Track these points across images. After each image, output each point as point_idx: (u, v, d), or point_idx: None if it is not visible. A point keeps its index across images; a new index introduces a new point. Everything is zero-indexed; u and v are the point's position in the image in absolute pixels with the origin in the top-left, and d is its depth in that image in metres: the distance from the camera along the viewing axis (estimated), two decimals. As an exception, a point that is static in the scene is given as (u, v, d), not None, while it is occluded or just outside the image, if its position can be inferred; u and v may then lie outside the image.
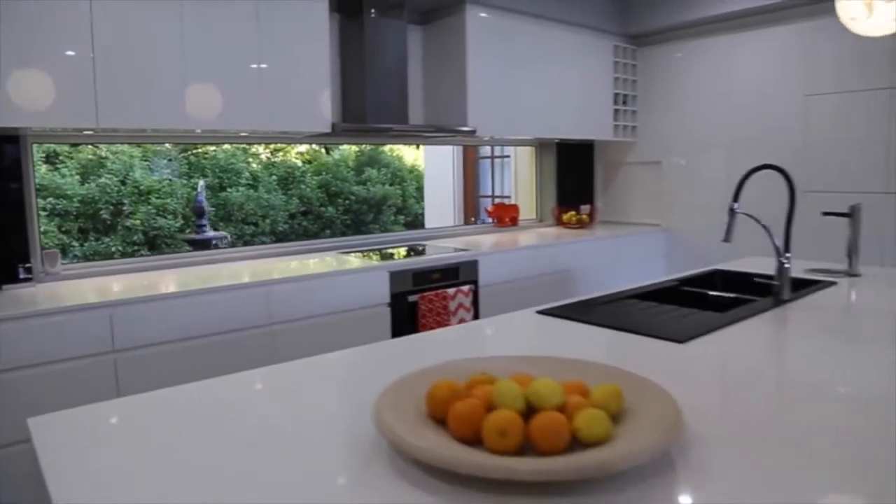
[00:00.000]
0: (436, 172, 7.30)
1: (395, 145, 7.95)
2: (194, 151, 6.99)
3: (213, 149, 6.98)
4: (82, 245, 6.12)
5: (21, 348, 2.17)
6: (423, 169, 8.01)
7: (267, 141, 5.83)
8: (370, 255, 3.49)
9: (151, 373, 2.40)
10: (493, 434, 0.90)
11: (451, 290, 3.28)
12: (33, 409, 1.16)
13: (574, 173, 4.99)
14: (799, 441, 1.00)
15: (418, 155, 8.24)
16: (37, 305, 2.28)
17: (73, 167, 6.24)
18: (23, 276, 2.66)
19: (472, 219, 6.59)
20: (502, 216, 4.66)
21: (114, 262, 3.09)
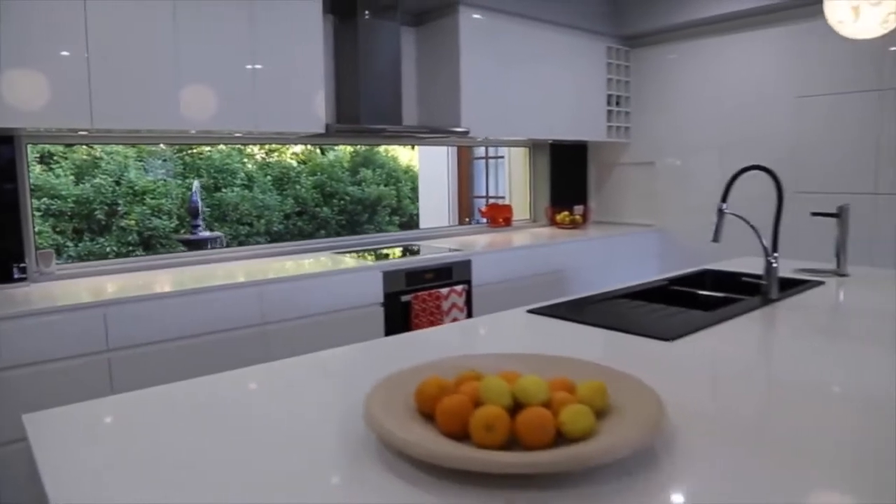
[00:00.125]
0: (430, 173, 7.31)
1: (389, 146, 7.96)
2: (189, 152, 6.99)
3: (208, 149, 6.99)
4: (77, 245, 6.12)
5: (15, 348, 2.18)
6: (417, 169, 8.03)
7: (261, 142, 5.84)
8: (365, 255, 3.51)
9: (145, 372, 2.41)
10: (479, 429, 0.92)
11: (445, 290, 3.30)
12: (28, 408, 1.17)
13: (567, 174, 5.02)
14: (783, 437, 1.02)
15: (413, 156, 8.25)
16: (31, 305, 2.29)
17: (68, 167, 6.24)
18: (17, 275, 2.67)
19: (467, 219, 6.61)
20: (496, 217, 4.68)
21: (108, 262, 3.10)
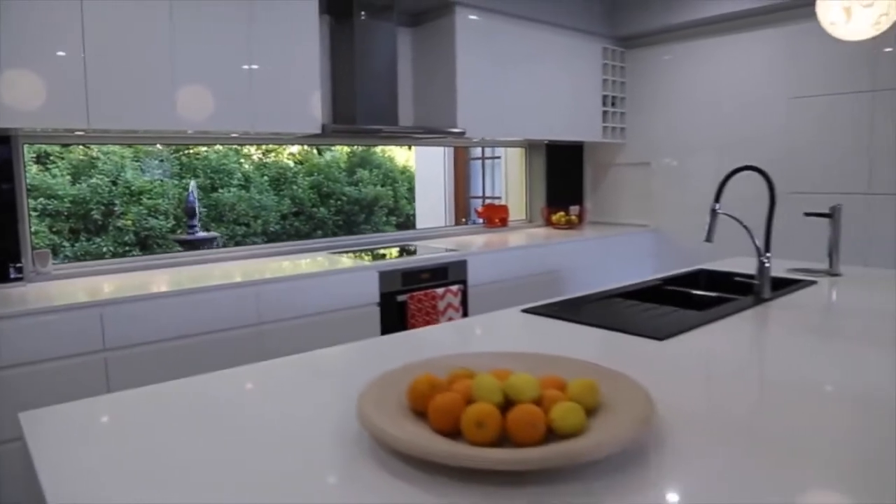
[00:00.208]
0: (427, 173, 7.32)
1: (386, 146, 7.97)
2: (186, 152, 7.00)
3: (204, 149, 6.99)
4: (73, 245, 6.12)
5: (12, 347, 2.19)
6: (414, 170, 8.04)
7: (258, 142, 5.85)
8: (361, 255, 3.52)
9: (142, 372, 2.41)
10: (471, 426, 0.93)
11: (440, 290, 3.31)
12: (24, 408, 1.17)
13: (563, 174, 5.04)
14: (773, 435, 1.04)
15: (410, 156, 8.26)
16: (27, 305, 2.30)
17: (64, 167, 6.24)
18: (14, 275, 2.67)
19: (464, 219, 6.62)
20: (492, 217, 4.70)
21: (105, 262, 3.11)
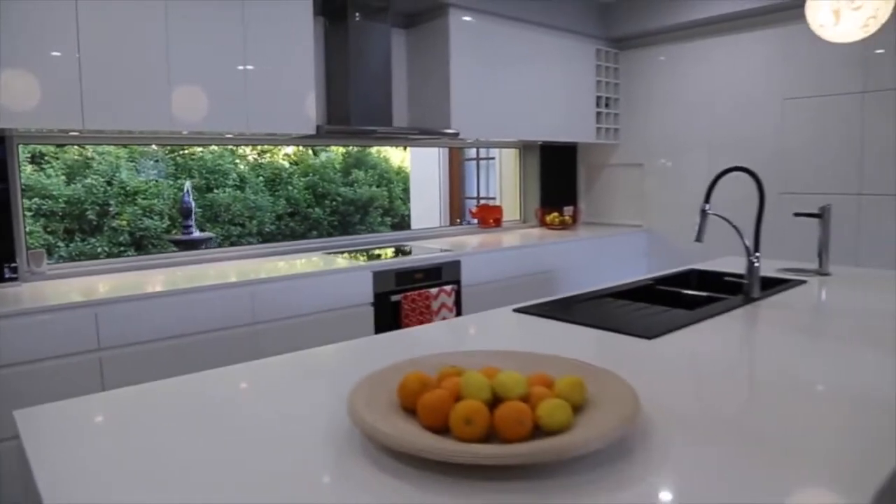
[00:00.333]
0: (422, 174, 7.34)
1: (381, 147, 7.99)
2: (181, 152, 7.00)
3: (199, 150, 6.99)
4: (68, 245, 6.12)
5: (6, 347, 2.20)
6: (409, 170, 8.06)
7: (252, 143, 5.85)
8: (356, 255, 3.53)
9: (136, 371, 2.42)
10: (459, 422, 0.95)
11: (434, 290, 3.33)
12: (19, 408, 1.19)
13: (557, 175, 5.06)
14: (758, 431, 1.06)
15: (405, 157, 8.28)
16: (22, 304, 2.30)
17: (59, 168, 6.23)
18: (8, 275, 2.68)
19: (458, 220, 6.64)
20: (486, 217, 4.72)
21: (99, 262, 3.11)
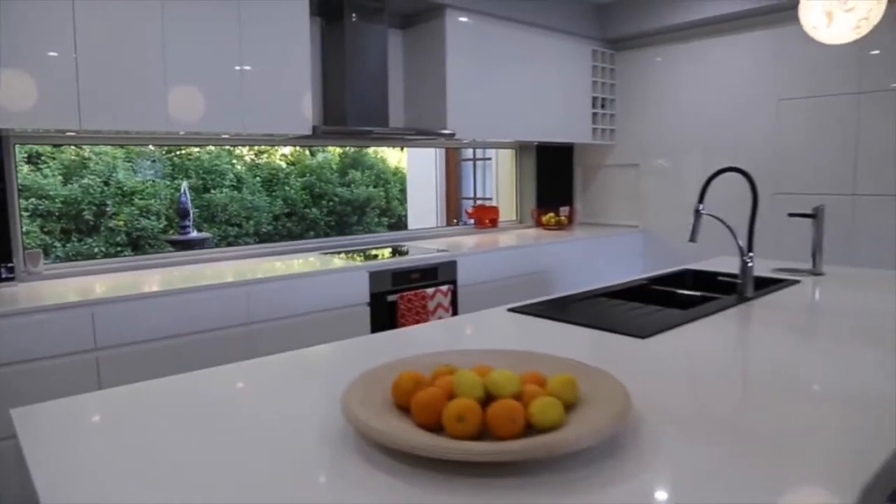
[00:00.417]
0: (419, 174, 7.35)
1: (378, 147, 8.00)
2: (178, 153, 6.99)
3: (197, 150, 6.99)
4: (65, 246, 6.12)
5: (3, 346, 2.20)
6: (406, 171, 8.06)
7: (249, 143, 5.85)
8: (353, 255, 3.54)
9: (133, 371, 2.43)
10: (451, 420, 0.96)
11: (430, 290, 3.34)
12: (15, 406, 1.20)
13: (553, 175, 5.07)
14: (749, 428, 1.07)
15: (402, 157, 8.28)
16: (18, 304, 2.31)
17: (56, 168, 6.23)
18: (5, 275, 2.68)
19: (455, 220, 6.65)
20: (482, 218, 4.73)
21: (96, 262, 3.12)
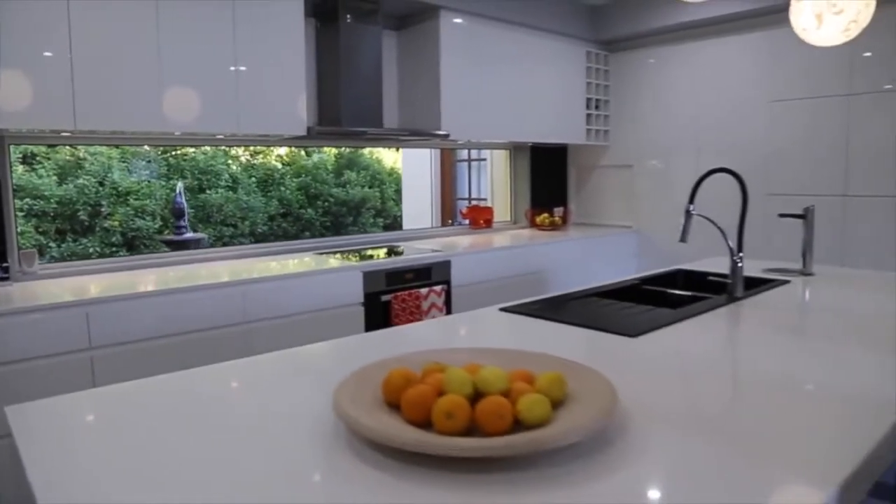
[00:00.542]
0: (414, 175, 7.37)
1: (374, 148, 8.01)
2: (174, 153, 7.00)
3: (192, 150, 7.00)
4: (60, 246, 6.11)
5: (-2, 346, 2.21)
6: (401, 172, 8.08)
7: (244, 143, 5.87)
8: (348, 256, 3.55)
9: (127, 370, 2.44)
10: (441, 416, 0.98)
11: (424, 290, 3.35)
12: (9, 405, 1.21)
13: (548, 176, 5.09)
14: (736, 426, 1.09)
15: (397, 158, 8.30)
16: (13, 304, 2.31)
17: (51, 168, 6.23)
18: (0, 275, 2.69)
19: (450, 221, 6.67)
20: (476, 218, 4.75)
21: (91, 262, 3.12)
